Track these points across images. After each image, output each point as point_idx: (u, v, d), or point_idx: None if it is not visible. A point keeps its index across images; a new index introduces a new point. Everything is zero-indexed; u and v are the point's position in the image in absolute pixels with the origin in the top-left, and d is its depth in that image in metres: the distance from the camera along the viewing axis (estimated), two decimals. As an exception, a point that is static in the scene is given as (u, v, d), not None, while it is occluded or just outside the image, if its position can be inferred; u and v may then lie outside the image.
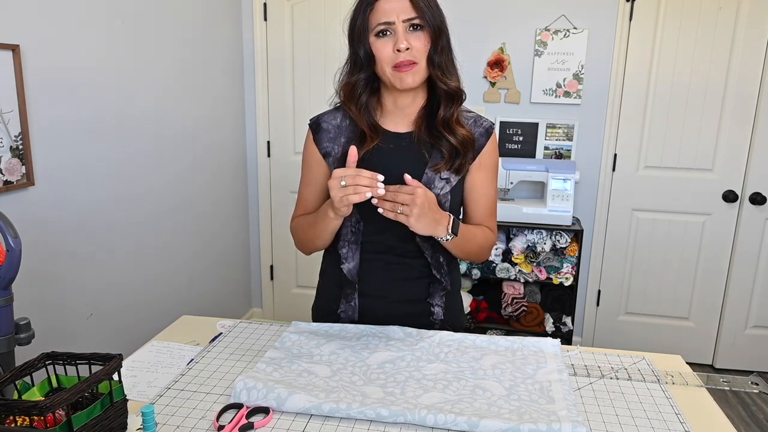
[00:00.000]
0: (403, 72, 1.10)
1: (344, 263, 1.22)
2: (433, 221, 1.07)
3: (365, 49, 1.12)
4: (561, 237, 2.72)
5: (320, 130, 1.24)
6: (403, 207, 1.03)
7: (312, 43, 3.02)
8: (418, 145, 1.18)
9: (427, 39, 1.10)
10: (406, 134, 1.20)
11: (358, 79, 1.16)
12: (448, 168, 1.17)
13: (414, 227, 1.06)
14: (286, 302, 3.40)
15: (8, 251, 0.94)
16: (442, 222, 1.09)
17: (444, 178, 1.17)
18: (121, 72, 2.11)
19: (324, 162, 1.23)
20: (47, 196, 1.80)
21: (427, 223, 1.06)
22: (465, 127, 1.18)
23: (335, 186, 1.03)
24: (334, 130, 1.23)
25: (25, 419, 0.78)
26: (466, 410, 0.91)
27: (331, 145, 1.22)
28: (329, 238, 1.21)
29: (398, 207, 1.04)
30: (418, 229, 1.06)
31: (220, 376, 1.07)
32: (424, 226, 1.06)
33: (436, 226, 1.08)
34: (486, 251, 1.25)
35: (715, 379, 1.10)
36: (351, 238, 1.22)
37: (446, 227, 1.10)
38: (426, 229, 1.07)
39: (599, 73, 2.82)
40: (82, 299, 1.98)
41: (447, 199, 1.17)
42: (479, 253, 1.24)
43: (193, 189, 2.67)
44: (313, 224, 1.21)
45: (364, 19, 1.11)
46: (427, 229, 1.07)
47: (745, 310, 2.94)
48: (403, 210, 1.03)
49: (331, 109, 1.26)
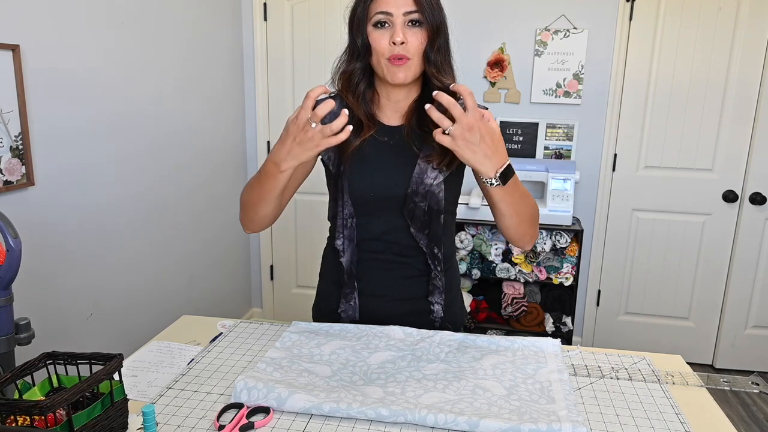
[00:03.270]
0: (395, 65, 1.09)
1: (342, 257, 1.22)
2: (483, 156, 0.97)
3: (363, 38, 1.12)
4: (561, 237, 2.72)
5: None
6: (454, 127, 0.94)
7: (312, 43, 3.02)
8: (409, 138, 1.18)
9: (425, 36, 1.10)
10: (398, 127, 1.21)
11: (355, 68, 1.15)
12: (439, 163, 1.16)
13: (460, 153, 0.97)
14: (286, 302, 3.40)
15: (8, 251, 0.94)
16: (494, 160, 0.98)
17: (435, 169, 1.16)
18: (121, 72, 2.11)
19: None
20: (47, 196, 1.80)
21: (473, 153, 0.96)
22: None
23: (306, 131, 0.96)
24: (330, 116, 1.19)
25: (26, 419, 0.79)
26: (467, 410, 0.91)
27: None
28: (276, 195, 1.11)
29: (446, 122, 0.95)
30: (464, 156, 0.97)
31: (220, 375, 1.07)
32: (470, 155, 0.97)
33: (484, 161, 0.98)
34: (536, 220, 1.15)
35: (715, 379, 1.10)
36: (346, 232, 1.21)
37: (496, 169, 0.99)
38: (472, 157, 0.97)
39: (599, 73, 2.82)
40: (82, 299, 1.98)
41: (441, 188, 1.16)
42: (531, 217, 1.13)
43: (194, 188, 2.67)
44: (258, 182, 1.11)
45: (365, 8, 1.11)
46: (474, 158, 0.97)
47: (745, 310, 2.94)
48: (451, 131, 0.94)
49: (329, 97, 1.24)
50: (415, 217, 1.18)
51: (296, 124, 0.99)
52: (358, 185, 1.17)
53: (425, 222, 1.19)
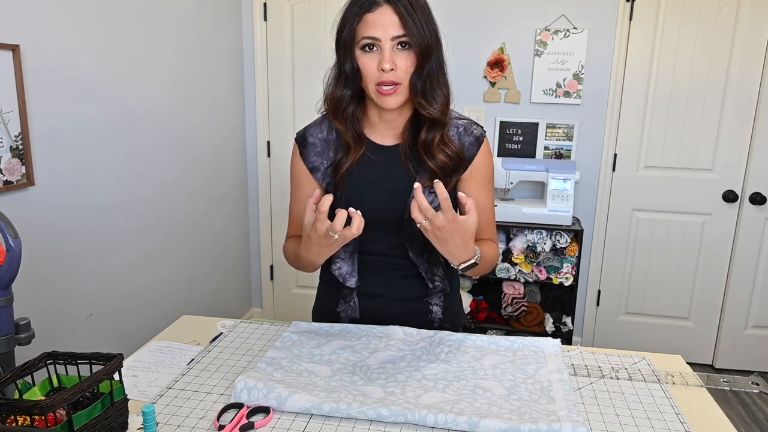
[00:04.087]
0: (385, 95, 1.07)
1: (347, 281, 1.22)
2: (446, 251, 1.04)
3: (351, 63, 1.08)
4: (561, 237, 2.72)
5: (306, 145, 1.21)
6: (426, 222, 0.99)
7: (312, 43, 3.02)
8: (405, 159, 1.17)
9: (414, 59, 1.07)
10: (394, 147, 1.18)
11: (344, 95, 1.12)
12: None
13: (430, 239, 1.03)
14: (286, 302, 3.40)
15: (8, 251, 0.94)
16: (458, 256, 1.05)
17: (433, 191, 1.14)
18: (121, 72, 2.11)
19: (312, 177, 1.21)
20: (47, 196, 1.80)
21: (441, 247, 1.03)
22: (451, 145, 1.14)
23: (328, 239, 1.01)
24: (321, 144, 1.20)
25: (26, 419, 0.79)
26: (467, 410, 0.91)
27: (319, 160, 1.20)
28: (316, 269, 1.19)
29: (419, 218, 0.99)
30: (433, 242, 1.03)
31: (220, 375, 1.07)
32: (439, 245, 1.03)
33: (448, 255, 1.05)
34: (493, 268, 1.23)
35: (715, 379, 1.10)
36: (344, 254, 1.21)
37: (460, 262, 1.06)
38: (440, 249, 1.04)
39: (599, 73, 2.82)
40: (82, 299, 1.98)
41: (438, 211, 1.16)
42: (487, 271, 1.22)
43: (194, 188, 2.67)
44: (297, 258, 1.18)
45: (351, 31, 1.07)
46: (441, 250, 1.04)
47: (745, 310, 2.94)
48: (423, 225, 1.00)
49: (317, 120, 1.23)
50: (414, 240, 1.18)
51: (317, 235, 1.02)
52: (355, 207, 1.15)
53: (424, 245, 1.17)
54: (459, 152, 1.16)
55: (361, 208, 1.13)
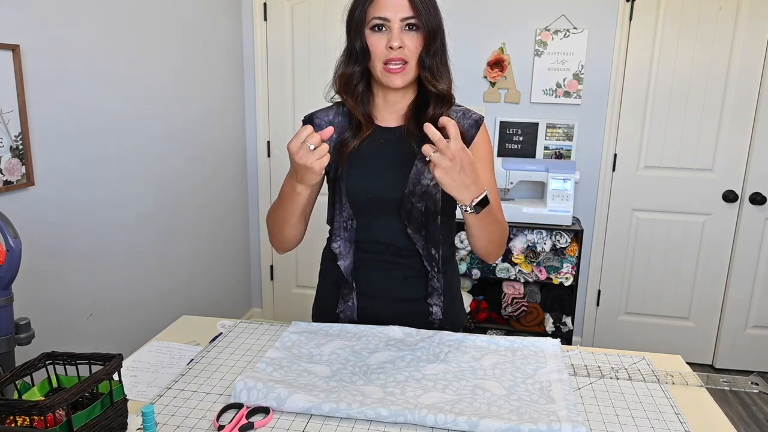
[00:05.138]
0: (392, 73, 1.12)
1: (340, 260, 1.23)
2: (461, 185, 1.02)
3: (361, 41, 1.14)
4: (561, 237, 2.72)
5: (314, 126, 1.23)
6: (436, 154, 0.98)
7: (312, 43, 3.02)
8: (407, 139, 1.19)
9: (421, 40, 1.12)
10: (396, 128, 1.22)
11: (354, 71, 1.17)
12: None
13: (440, 180, 1.01)
14: (286, 302, 3.40)
15: (8, 251, 0.94)
16: (472, 189, 1.03)
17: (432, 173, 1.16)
18: (121, 72, 2.11)
19: None
20: (47, 196, 1.80)
21: (453, 181, 1.01)
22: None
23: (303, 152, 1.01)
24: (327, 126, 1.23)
25: (26, 419, 0.79)
26: (466, 410, 0.91)
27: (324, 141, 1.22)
28: (298, 216, 1.19)
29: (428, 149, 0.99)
30: (443, 183, 1.01)
31: (220, 376, 1.07)
32: (450, 182, 1.01)
33: (462, 189, 1.03)
34: (504, 236, 1.22)
35: (715, 379, 1.10)
36: (345, 234, 1.22)
37: (472, 198, 1.05)
38: (452, 186, 1.02)
39: (599, 73, 2.82)
40: (82, 299, 1.98)
41: (438, 189, 1.17)
42: (499, 235, 1.20)
43: (193, 189, 2.67)
44: (280, 205, 1.18)
45: (362, 12, 1.13)
46: (453, 186, 1.02)
47: (745, 310, 2.94)
48: (433, 158, 0.98)
49: (326, 107, 1.27)
50: (413, 217, 1.19)
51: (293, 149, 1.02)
52: (355, 187, 1.18)
53: (422, 223, 1.19)
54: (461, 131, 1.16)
55: (361, 188, 1.17)
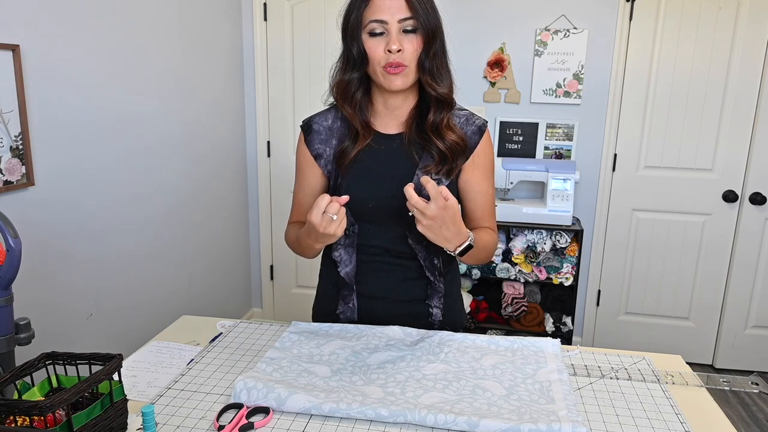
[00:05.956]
0: (392, 74, 1.09)
1: (341, 267, 1.22)
2: (443, 239, 1.06)
3: (358, 46, 1.11)
4: (561, 237, 2.72)
5: (311, 132, 1.23)
6: (419, 212, 1.02)
7: (312, 43, 3.02)
8: (408, 147, 1.18)
9: (420, 42, 1.09)
10: (396, 135, 1.20)
11: (352, 78, 1.15)
12: (438, 171, 1.16)
13: (424, 233, 1.05)
14: (286, 302, 3.40)
15: (8, 251, 0.94)
16: (454, 241, 1.08)
17: (435, 178, 1.16)
18: (121, 72, 2.11)
19: (316, 164, 1.23)
20: (47, 196, 1.80)
21: (435, 235, 1.05)
22: (456, 130, 1.17)
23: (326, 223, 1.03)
24: (326, 131, 1.22)
25: (26, 419, 0.78)
26: (466, 410, 0.91)
27: (323, 147, 1.22)
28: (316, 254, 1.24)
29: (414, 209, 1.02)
30: (427, 236, 1.06)
31: (220, 376, 1.07)
32: (433, 236, 1.06)
33: (445, 242, 1.07)
34: (491, 254, 1.24)
35: (715, 379, 1.10)
36: (346, 241, 1.22)
37: (456, 247, 1.09)
38: (435, 239, 1.06)
39: (599, 73, 2.82)
40: (82, 299, 1.98)
41: None
42: (486, 258, 1.23)
43: (194, 189, 2.67)
44: (298, 244, 1.21)
45: (359, 15, 1.09)
46: (437, 240, 1.07)
47: (745, 310, 2.94)
48: (416, 214, 1.03)
49: (324, 110, 1.25)
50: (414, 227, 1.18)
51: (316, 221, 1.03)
52: (357, 195, 1.16)
53: None
54: (464, 138, 1.18)
55: (362, 196, 1.16)
